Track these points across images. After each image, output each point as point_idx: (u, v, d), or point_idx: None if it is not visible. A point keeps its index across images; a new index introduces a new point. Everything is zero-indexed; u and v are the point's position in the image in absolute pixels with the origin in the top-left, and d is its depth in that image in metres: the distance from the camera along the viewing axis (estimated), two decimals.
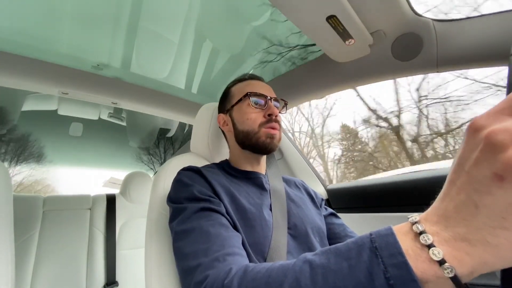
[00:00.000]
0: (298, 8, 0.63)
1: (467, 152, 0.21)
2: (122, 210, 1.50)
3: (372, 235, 0.26)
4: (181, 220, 0.47)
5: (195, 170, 0.56)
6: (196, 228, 0.44)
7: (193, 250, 0.41)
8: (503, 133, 0.18)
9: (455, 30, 0.68)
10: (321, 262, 0.28)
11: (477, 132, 0.20)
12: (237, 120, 0.63)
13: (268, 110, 0.60)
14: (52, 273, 1.22)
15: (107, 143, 1.97)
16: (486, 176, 0.19)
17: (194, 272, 0.38)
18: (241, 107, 0.63)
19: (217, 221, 0.45)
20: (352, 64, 0.87)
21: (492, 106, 0.21)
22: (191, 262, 0.40)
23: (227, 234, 0.43)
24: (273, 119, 0.60)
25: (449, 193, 0.22)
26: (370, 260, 0.24)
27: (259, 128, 0.59)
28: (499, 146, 0.18)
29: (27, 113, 1.47)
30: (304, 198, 0.67)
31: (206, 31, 0.95)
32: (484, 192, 0.19)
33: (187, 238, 0.44)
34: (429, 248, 0.21)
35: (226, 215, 0.48)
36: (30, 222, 1.27)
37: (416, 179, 0.89)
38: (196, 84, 1.24)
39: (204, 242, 0.41)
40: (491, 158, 0.19)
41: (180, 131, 1.91)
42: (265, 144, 0.59)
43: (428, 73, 0.76)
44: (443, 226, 0.22)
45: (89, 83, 1.00)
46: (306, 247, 0.53)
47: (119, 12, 0.83)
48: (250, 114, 0.61)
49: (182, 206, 0.49)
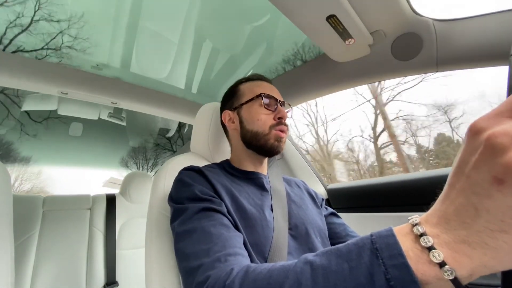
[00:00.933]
0: (298, 8, 0.63)
1: (467, 155, 0.21)
2: (122, 210, 1.50)
3: (372, 236, 0.26)
4: (183, 221, 0.47)
5: (196, 170, 0.56)
6: (198, 228, 0.44)
7: (195, 250, 0.41)
8: (503, 136, 0.18)
9: (455, 29, 0.68)
10: (322, 263, 0.28)
11: (477, 135, 0.20)
12: (246, 119, 0.63)
13: (278, 113, 0.61)
14: (52, 273, 1.22)
15: (107, 143, 1.97)
16: (485, 179, 0.19)
17: (195, 273, 0.39)
18: (252, 106, 0.62)
19: (219, 221, 0.45)
20: (352, 64, 0.87)
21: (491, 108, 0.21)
22: (193, 263, 0.40)
23: (229, 234, 0.43)
24: (283, 122, 0.61)
25: (449, 195, 0.22)
26: (371, 261, 0.24)
27: (269, 129, 0.60)
28: (498, 149, 0.18)
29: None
30: (304, 198, 0.67)
31: (206, 31, 0.95)
32: (483, 196, 0.19)
33: (188, 239, 0.44)
34: (430, 250, 0.21)
35: (228, 215, 0.48)
36: (30, 222, 1.27)
37: (415, 179, 0.89)
38: (196, 84, 1.24)
39: (206, 242, 0.41)
40: (491, 161, 0.19)
41: (180, 131, 1.91)
42: (273, 147, 0.59)
43: (428, 72, 0.76)
44: (443, 228, 0.22)
45: (89, 83, 1.00)
46: (307, 247, 0.53)
47: (119, 12, 0.83)
48: (261, 115, 0.61)
49: (184, 206, 0.48)
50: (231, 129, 0.67)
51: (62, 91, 0.96)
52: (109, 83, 1.05)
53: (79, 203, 1.45)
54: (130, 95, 1.10)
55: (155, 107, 1.19)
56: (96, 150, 2.01)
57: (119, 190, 1.64)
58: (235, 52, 1.06)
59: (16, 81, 0.89)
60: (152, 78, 1.14)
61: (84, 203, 1.46)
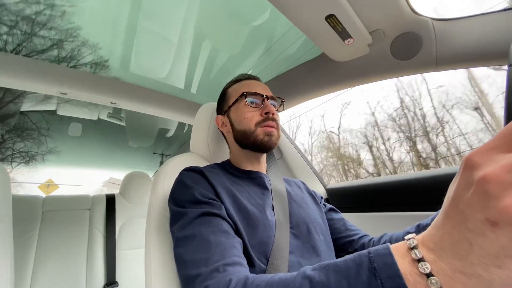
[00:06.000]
0: (297, 8, 0.63)
1: (461, 189, 0.21)
2: (121, 210, 1.50)
3: (370, 253, 0.27)
4: (182, 226, 0.47)
5: (197, 171, 0.56)
6: (197, 235, 0.44)
7: (193, 258, 0.41)
8: (495, 183, 0.19)
9: (455, 29, 0.68)
10: (320, 279, 0.29)
11: (471, 171, 0.21)
12: (235, 120, 0.63)
13: (264, 108, 0.61)
14: (51, 273, 1.22)
15: (106, 143, 1.97)
16: (479, 219, 0.19)
17: (193, 282, 0.39)
18: (238, 107, 0.63)
19: (218, 227, 0.45)
20: (351, 63, 0.87)
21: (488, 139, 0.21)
22: (191, 271, 0.40)
23: (228, 241, 0.43)
24: (270, 118, 0.60)
25: (444, 225, 0.23)
26: (369, 280, 0.25)
27: (255, 127, 0.60)
28: (491, 194, 0.19)
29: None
30: (305, 197, 0.67)
31: (205, 31, 0.95)
32: (477, 233, 0.20)
33: (187, 245, 0.44)
34: (428, 277, 0.22)
35: (228, 218, 0.48)
36: (29, 222, 1.27)
37: (415, 178, 0.89)
38: (196, 84, 1.24)
39: (205, 251, 0.41)
40: (484, 203, 0.19)
41: (180, 131, 1.91)
42: (263, 142, 0.59)
43: (427, 72, 0.76)
44: (439, 255, 0.22)
45: (88, 83, 1.00)
46: (309, 245, 0.54)
47: (119, 11, 0.83)
48: (247, 113, 0.61)
49: (183, 210, 0.48)
50: (225, 132, 0.68)
51: (61, 91, 0.96)
52: (109, 83, 1.05)
53: (79, 203, 1.45)
54: (130, 95, 1.10)
55: (155, 107, 1.19)
56: (96, 150, 2.01)
57: (119, 190, 1.64)
58: (234, 52, 1.06)
59: (16, 81, 0.89)
60: (151, 78, 1.14)
61: (83, 204, 1.46)
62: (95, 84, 1.01)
